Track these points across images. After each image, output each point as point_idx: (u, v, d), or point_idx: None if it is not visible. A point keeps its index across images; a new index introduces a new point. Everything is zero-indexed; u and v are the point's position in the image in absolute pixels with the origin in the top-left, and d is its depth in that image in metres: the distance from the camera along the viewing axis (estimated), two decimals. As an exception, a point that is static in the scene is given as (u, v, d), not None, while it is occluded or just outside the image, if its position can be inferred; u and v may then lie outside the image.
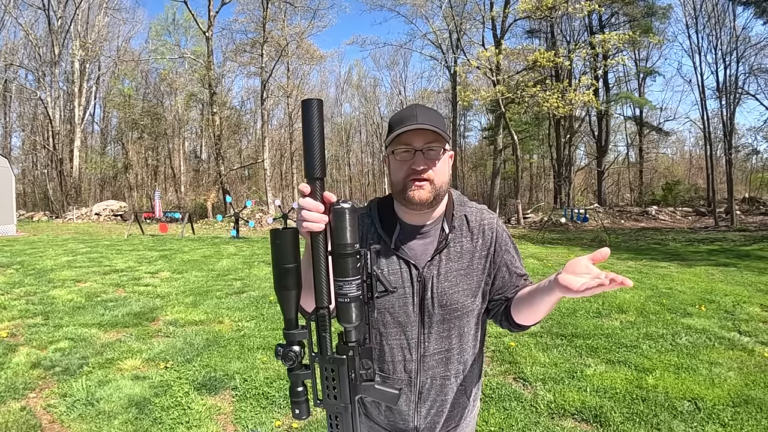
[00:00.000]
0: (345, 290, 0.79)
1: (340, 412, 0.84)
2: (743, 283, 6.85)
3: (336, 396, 0.83)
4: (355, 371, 0.83)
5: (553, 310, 5.19)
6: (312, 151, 0.78)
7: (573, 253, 10.61)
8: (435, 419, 1.17)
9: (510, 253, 1.18)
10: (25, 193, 30.76)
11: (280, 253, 0.79)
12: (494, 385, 3.31)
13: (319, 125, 0.77)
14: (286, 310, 0.81)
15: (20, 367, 3.61)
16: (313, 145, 0.78)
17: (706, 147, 22.94)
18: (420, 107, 1.09)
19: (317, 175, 0.79)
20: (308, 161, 0.78)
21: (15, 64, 29.14)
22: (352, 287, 0.79)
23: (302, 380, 0.84)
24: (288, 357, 0.81)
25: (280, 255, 0.79)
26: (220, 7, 24.58)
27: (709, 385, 3.26)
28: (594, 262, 0.98)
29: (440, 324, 1.13)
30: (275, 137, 34.52)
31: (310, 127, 0.77)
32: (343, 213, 0.80)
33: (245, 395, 3.18)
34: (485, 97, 21.45)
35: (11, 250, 10.48)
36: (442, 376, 1.16)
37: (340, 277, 0.79)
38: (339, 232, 0.79)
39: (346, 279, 0.79)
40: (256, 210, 22.46)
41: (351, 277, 0.79)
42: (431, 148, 1.06)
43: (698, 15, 20.56)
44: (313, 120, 0.77)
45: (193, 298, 5.99)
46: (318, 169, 0.78)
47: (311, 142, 0.77)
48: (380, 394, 0.86)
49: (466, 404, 1.22)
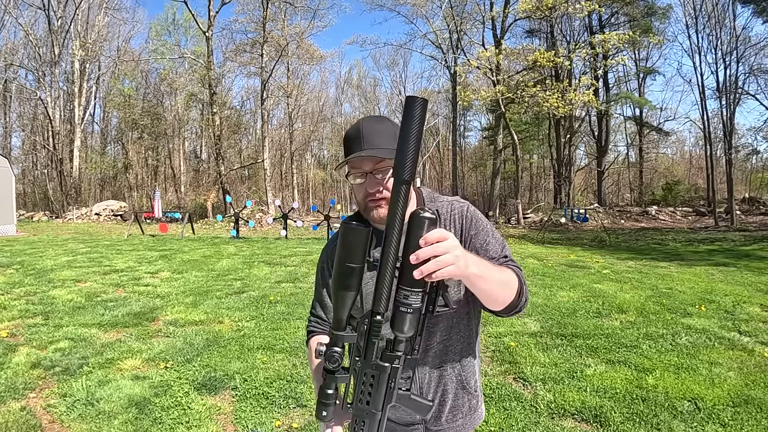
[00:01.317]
0: (410, 300, 0.77)
1: (367, 418, 0.83)
2: (743, 283, 6.85)
3: (369, 402, 0.82)
4: (395, 381, 0.82)
5: (553, 310, 5.20)
6: (406, 151, 0.73)
7: (573, 253, 10.61)
8: (439, 409, 1.20)
9: (480, 236, 1.17)
10: (25, 193, 30.76)
11: (349, 251, 0.76)
12: (494, 385, 3.31)
13: (418, 126, 0.73)
14: (340, 310, 0.79)
15: (20, 367, 3.61)
16: (408, 146, 0.73)
17: (706, 147, 22.95)
18: (366, 125, 1.12)
19: (406, 177, 0.74)
20: (399, 162, 0.74)
21: (15, 64, 29.15)
22: (417, 298, 0.78)
23: (337, 383, 0.82)
24: (333, 358, 0.79)
25: (349, 253, 0.76)
26: (220, 7, 24.60)
27: (709, 385, 3.26)
28: None
29: (429, 319, 1.15)
30: (275, 137, 34.52)
31: (408, 126, 0.73)
32: (423, 222, 0.77)
33: (245, 395, 3.18)
34: (485, 97, 21.45)
35: (11, 250, 10.48)
36: (439, 367, 1.19)
37: (407, 287, 0.77)
38: (416, 241, 0.76)
39: (413, 289, 0.77)
40: (256, 210, 22.46)
41: (419, 288, 0.77)
42: (379, 170, 1.10)
43: (698, 15, 20.56)
44: (414, 119, 0.73)
45: (193, 298, 5.99)
46: (408, 171, 0.74)
47: (407, 141, 0.73)
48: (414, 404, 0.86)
49: (471, 395, 1.24)
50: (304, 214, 23.73)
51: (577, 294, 6.07)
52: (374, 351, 0.80)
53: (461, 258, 0.82)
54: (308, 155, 40.71)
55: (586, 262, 8.98)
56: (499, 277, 1.00)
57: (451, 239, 0.80)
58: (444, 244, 0.78)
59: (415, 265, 0.76)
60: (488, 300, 1.03)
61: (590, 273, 7.71)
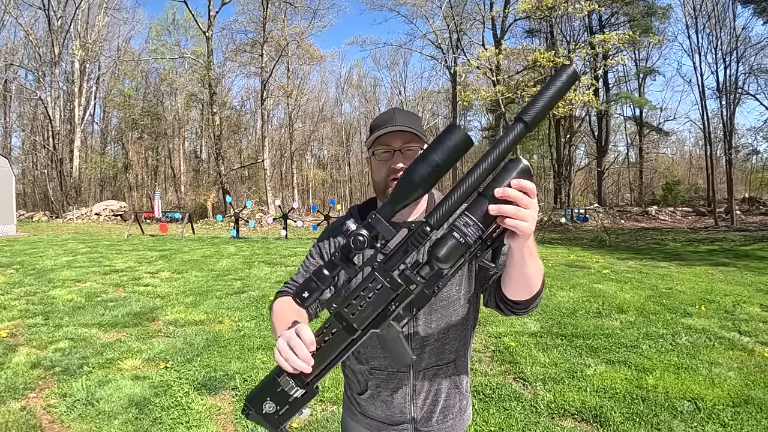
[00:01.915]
0: (468, 231, 0.70)
1: (339, 329, 0.76)
2: (743, 283, 6.85)
3: (355, 313, 0.74)
4: (397, 306, 0.75)
5: (553, 310, 5.20)
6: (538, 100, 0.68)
7: (573, 253, 10.60)
8: (431, 408, 1.19)
9: None
10: (25, 193, 30.76)
11: (438, 145, 0.70)
12: (494, 385, 3.30)
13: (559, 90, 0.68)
14: (398, 198, 0.71)
15: (20, 367, 3.61)
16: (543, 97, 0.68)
17: (706, 147, 22.95)
18: (398, 110, 1.15)
19: (527, 119, 0.68)
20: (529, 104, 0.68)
21: (15, 64, 29.16)
22: (475, 233, 0.70)
23: (338, 270, 0.73)
24: (358, 238, 0.70)
25: (437, 147, 0.70)
26: (220, 7, 24.59)
27: (709, 385, 3.26)
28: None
29: (427, 315, 1.15)
30: (275, 137, 34.51)
31: (553, 83, 0.68)
32: (518, 165, 0.72)
33: (245, 395, 3.18)
34: (485, 97, 21.45)
35: (11, 250, 10.48)
36: (434, 365, 1.18)
37: (473, 215, 0.70)
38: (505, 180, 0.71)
39: (477, 222, 0.70)
40: (256, 210, 22.46)
41: (482, 224, 0.70)
42: (409, 148, 1.12)
43: (698, 15, 20.56)
44: (559, 80, 0.68)
45: (193, 298, 5.99)
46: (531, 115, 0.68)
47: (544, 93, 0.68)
48: (397, 345, 0.79)
49: (462, 396, 1.23)
50: (304, 214, 23.73)
51: (577, 294, 6.07)
52: (399, 263, 0.73)
53: (535, 222, 0.76)
54: (308, 155, 40.70)
55: (586, 262, 8.98)
56: (539, 262, 0.93)
57: (535, 202, 0.75)
58: (533, 200, 0.73)
59: (493, 201, 0.70)
60: (522, 283, 0.94)
61: (590, 273, 7.71)
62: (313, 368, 0.79)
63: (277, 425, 0.84)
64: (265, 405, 0.84)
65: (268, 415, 0.84)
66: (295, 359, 0.79)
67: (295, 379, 0.81)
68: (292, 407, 0.83)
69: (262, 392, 0.85)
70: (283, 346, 0.82)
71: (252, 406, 0.85)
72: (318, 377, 0.81)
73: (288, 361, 0.79)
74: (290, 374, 0.80)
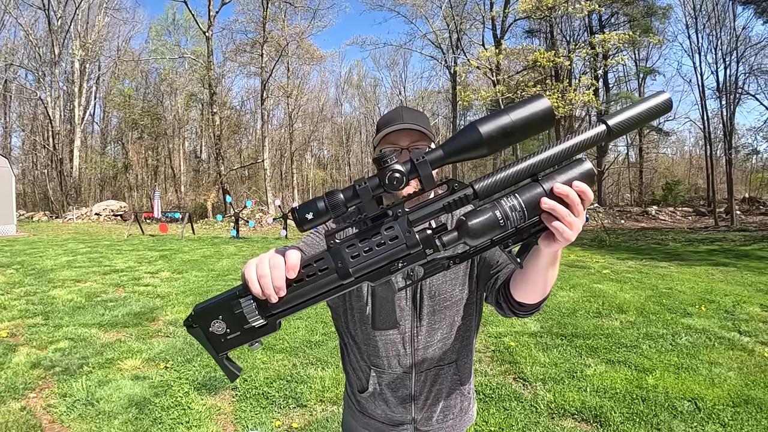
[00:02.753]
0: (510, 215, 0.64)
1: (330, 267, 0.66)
2: (743, 283, 6.85)
3: (357, 256, 0.66)
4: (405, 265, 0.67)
5: (553, 310, 5.20)
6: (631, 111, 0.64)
7: (573, 253, 10.60)
8: (431, 408, 1.19)
9: None
10: (25, 193, 30.75)
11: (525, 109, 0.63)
12: (494, 385, 3.30)
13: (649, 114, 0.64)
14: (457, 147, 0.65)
15: (20, 367, 3.61)
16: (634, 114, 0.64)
17: (706, 147, 22.95)
18: (405, 109, 1.15)
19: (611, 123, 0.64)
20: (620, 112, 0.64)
21: (15, 64, 29.15)
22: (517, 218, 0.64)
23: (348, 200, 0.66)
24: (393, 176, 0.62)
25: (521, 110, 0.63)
26: (220, 7, 24.59)
27: (709, 385, 3.26)
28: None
29: (431, 316, 1.15)
30: (275, 137, 34.50)
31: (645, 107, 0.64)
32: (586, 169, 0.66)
33: (245, 395, 3.18)
34: (485, 97, 21.45)
35: (11, 250, 10.48)
36: (436, 366, 1.17)
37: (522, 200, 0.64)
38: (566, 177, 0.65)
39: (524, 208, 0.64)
40: (256, 210, 22.45)
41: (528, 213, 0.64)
42: (417, 147, 1.11)
43: (698, 15, 20.56)
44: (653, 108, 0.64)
45: (193, 298, 5.99)
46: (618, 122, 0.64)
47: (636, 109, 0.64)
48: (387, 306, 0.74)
49: (464, 396, 1.23)
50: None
51: (577, 294, 6.07)
52: (426, 219, 0.66)
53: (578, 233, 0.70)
54: (308, 155, 40.69)
55: (586, 262, 8.98)
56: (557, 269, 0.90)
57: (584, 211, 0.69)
58: (584, 208, 0.67)
59: (549, 195, 0.65)
60: (536, 289, 0.91)
61: (590, 273, 7.71)
62: (283, 299, 0.66)
63: (220, 350, 0.71)
64: (214, 324, 0.70)
65: (214, 335, 0.70)
66: (267, 281, 0.65)
67: (260, 305, 0.67)
68: (244, 335, 0.70)
69: (215, 309, 0.70)
70: (261, 263, 0.67)
71: (197, 322, 0.70)
72: (286, 312, 0.69)
73: (260, 280, 0.65)
74: (255, 297, 0.67)
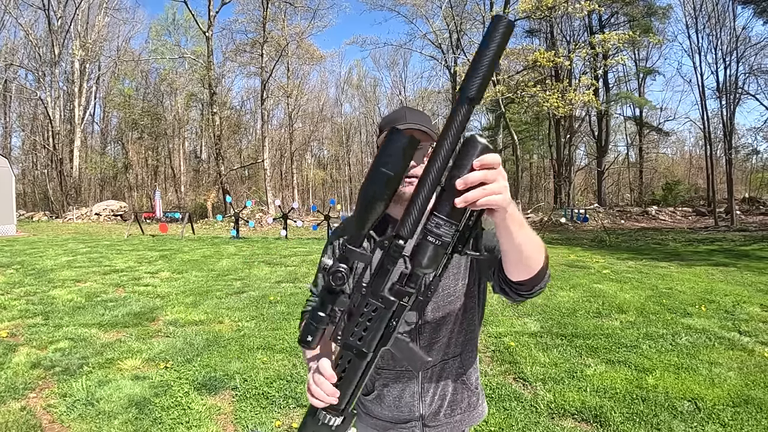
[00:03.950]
0: (441, 231, 0.68)
1: (354, 357, 0.77)
2: (743, 283, 6.85)
3: (362, 339, 0.75)
4: (399, 321, 0.75)
5: (553, 310, 5.20)
6: (478, 69, 0.65)
7: (573, 253, 10.60)
8: (439, 404, 1.20)
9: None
10: (25, 193, 30.76)
11: (389, 155, 0.68)
12: (494, 385, 3.30)
13: (497, 47, 0.65)
14: (362, 221, 0.70)
15: (20, 367, 3.61)
16: (482, 64, 0.65)
17: (706, 147, 22.95)
18: (409, 109, 1.16)
19: (471, 94, 0.66)
20: (469, 77, 0.65)
21: (15, 64, 29.15)
22: (449, 231, 0.68)
23: (330, 307, 0.74)
24: (336, 275, 0.70)
25: (388, 158, 0.68)
26: (220, 7, 24.58)
27: (709, 385, 3.26)
28: None
29: (434, 312, 1.16)
30: (275, 137, 34.51)
31: (488, 44, 0.65)
32: (476, 146, 0.68)
33: (245, 395, 3.18)
34: (485, 97, 21.45)
35: (11, 250, 10.48)
36: (442, 361, 1.18)
37: (442, 215, 0.68)
38: (464, 168, 0.68)
39: (448, 220, 0.67)
40: (256, 210, 22.45)
41: (454, 220, 0.68)
42: (420, 147, 1.09)
43: (698, 15, 20.56)
44: (495, 39, 0.65)
45: (193, 298, 5.99)
46: (476, 89, 0.66)
47: (482, 59, 0.65)
48: (410, 353, 0.80)
49: (471, 392, 1.23)
50: (304, 214, 23.73)
51: (577, 294, 6.07)
52: (385, 281, 0.72)
53: (508, 190, 0.72)
54: (308, 155, 40.70)
55: (586, 262, 8.98)
56: (534, 235, 0.86)
57: (501, 169, 0.70)
58: (496, 171, 0.69)
59: (458, 193, 0.67)
60: (519, 259, 0.88)
61: (590, 273, 7.71)
62: (341, 397, 0.84)
63: None
64: None
65: None
66: (323, 395, 0.84)
67: (330, 410, 0.86)
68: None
69: (306, 430, 0.90)
70: (311, 386, 0.88)
71: None
72: (350, 402, 0.86)
73: (317, 398, 0.86)
74: (324, 408, 0.86)
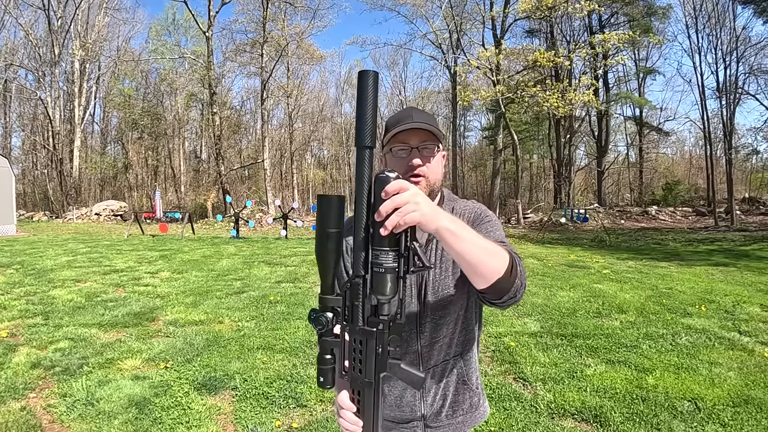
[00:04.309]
0: (381, 260, 0.78)
1: (362, 388, 0.84)
2: (743, 283, 6.85)
3: (361, 370, 0.83)
4: (384, 346, 0.82)
5: (553, 310, 5.20)
6: (365, 119, 0.77)
7: (573, 253, 10.60)
8: (440, 404, 1.20)
9: (483, 227, 1.16)
10: (25, 193, 30.75)
11: (325, 217, 0.79)
12: (494, 385, 3.31)
13: (373, 96, 0.77)
14: (324, 274, 0.81)
15: (20, 367, 3.61)
16: (367, 114, 0.77)
17: (706, 147, 22.94)
18: (415, 109, 1.16)
19: (367, 143, 0.77)
20: (360, 129, 0.77)
21: (15, 64, 29.13)
22: (388, 258, 0.78)
23: (331, 348, 0.84)
24: (319, 321, 0.81)
25: (324, 219, 0.79)
26: (220, 7, 24.57)
27: (709, 385, 3.26)
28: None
29: (435, 311, 1.17)
30: (275, 137, 34.49)
31: (365, 96, 0.77)
32: (387, 181, 0.78)
33: (245, 395, 3.18)
34: (485, 97, 21.44)
35: (11, 250, 10.48)
36: (443, 362, 1.19)
37: (378, 247, 0.78)
38: (380, 201, 0.78)
39: (383, 249, 0.78)
40: (256, 210, 22.45)
41: (388, 248, 0.78)
42: (426, 146, 1.12)
43: (698, 15, 20.55)
44: (369, 90, 0.77)
45: (193, 298, 5.99)
46: (369, 137, 0.77)
47: (365, 110, 0.77)
48: (406, 374, 0.86)
49: (473, 392, 1.24)
50: (304, 214, 23.71)
51: (577, 294, 6.07)
52: (359, 315, 0.81)
53: (424, 205, 0.79)
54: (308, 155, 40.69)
55: (586, 262, 8.98)
56: (482, 242, 0.90)
57: (412, 189, 0.78)
58: (403, 194, 0.77)
59: (380, 223, 0.76)
60: (471, 269, 0.91)
61: (590, 273, 7.71)
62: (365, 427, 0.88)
63: None
64: None
65: None
66: (348, 425, 0.89)
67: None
68: None
69: None
70: (338, 418, 0.92)
71: None
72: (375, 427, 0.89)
73: (345, 429, 0.90)
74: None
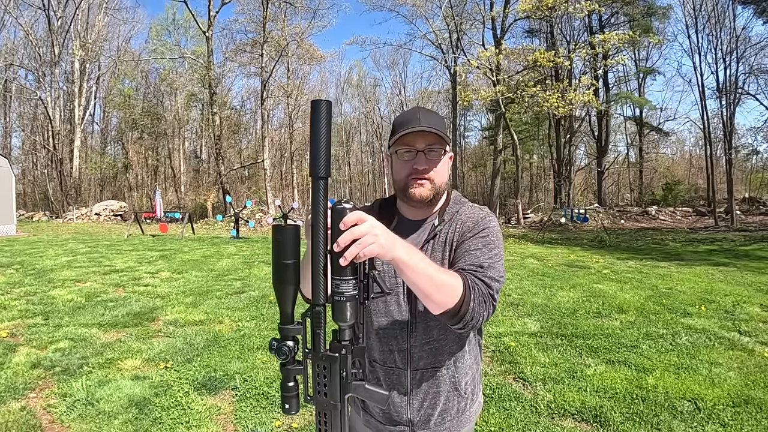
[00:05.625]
0: (341, 289, 0.80)
1: (329, 410, 0.85)
2: (743, 283, 6.85)
3: (326, 393, 0.84)
4: (347, 370, 0.84)
5: (553, 310, 5.20)
6: (319, 150, 0.79)
7: (573, 253, 10.60)
8: (429, 411, 1.19)
9: (473, 242, 1.11)
10: (25, 193, 30.74)
11: (281, 248, 0.80)
12: (494, 385, 3.31)
13: (327, 126, 0.78)
14: (283, 304, 0.82)
15: (20, 367, 3.61)
16: (321, 145, 0.79)
17: (706, 147, 22.95)
18: (423, 110, 1.14)
19: (322, 174, 0.80)
20: (314, 159, 0.80)
21: (15, 64, 29.13)
22: (348, 286, 0.80)
23: (294, 375, 0.85)
24: (281, 351, 0.82)
25: (281, 250, 0.80)
26: (220, 7, 24.58)
27: (709, 385, 3.26)
28: None
29: (426, 313, 1.14)
30: (275, 137, 34.49)
31: (318, 127, 0.78)
32: (343, 212, 0.82)
33: (245, 395, 3.18)
34: (485, 97, 21.43)
35: (11, 250, 10.48)
36: (433, 367, 1.17)
37: (337, 276, 0.80)
38: (338, 232, 0.80)
39: (343, 278, 0.80)
40: (256, 210, 22.45)
41: (348, 277, 0.80)
42: (432, 149, 1.11)
43: (698, 15, 20.57)
44: (322, 120, 0.78)
45: (193, 298, 5.99)
46: (323, 168, 0.80)
47: (319, 141, 0.79)
48: (370, 394, 0.87)
49: (461, 397, 1.22)
50: (304, 214, 23.72)
51: (577, 294, 6.07)
52: (322, 342, 0.83)
53: (382, 237, 0.83)
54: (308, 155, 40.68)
55: (586, 262, 8.98)
56: (434, 274, 0.93)
57: (369, 221, 0.81)
58: (361, 226, 0.80)
59: (339, 254, 0.78)
60: (422, 297, 0.96)
61: (590, 273, 7.71)
62: None
63: None
64: None
65: None
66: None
67: None
68: None
69: None
70: None
71: None
72: None
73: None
74: None
